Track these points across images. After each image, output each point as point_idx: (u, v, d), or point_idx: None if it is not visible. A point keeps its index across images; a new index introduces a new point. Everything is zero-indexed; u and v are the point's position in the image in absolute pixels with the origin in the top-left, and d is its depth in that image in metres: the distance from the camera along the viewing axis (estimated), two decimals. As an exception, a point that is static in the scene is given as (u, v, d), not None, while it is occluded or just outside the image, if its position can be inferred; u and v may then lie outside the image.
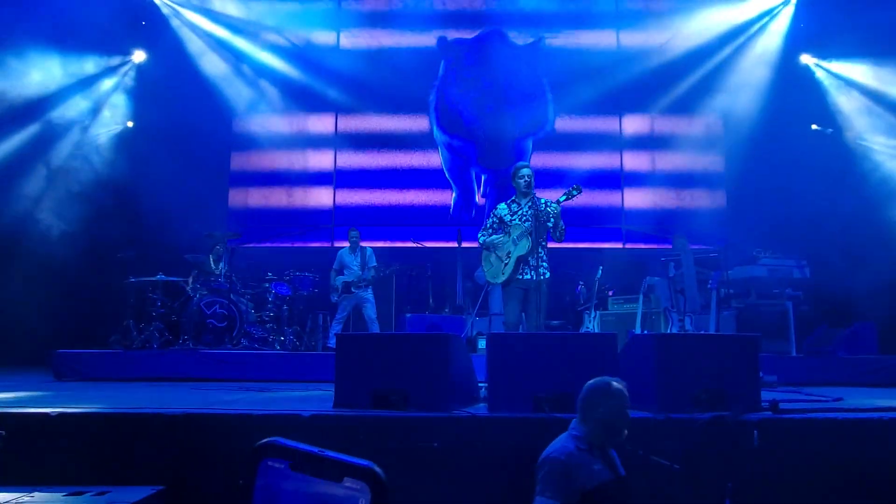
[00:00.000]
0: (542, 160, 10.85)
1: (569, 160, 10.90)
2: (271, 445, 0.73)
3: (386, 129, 11.24)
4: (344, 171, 11.34)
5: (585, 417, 2.99)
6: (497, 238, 5.84)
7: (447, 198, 11.26)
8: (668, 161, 11.12)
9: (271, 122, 11.15)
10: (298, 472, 0.72)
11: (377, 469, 0.70)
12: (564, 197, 5.68)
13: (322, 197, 11.30)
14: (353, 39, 11.22)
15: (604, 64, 10.84)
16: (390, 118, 11.22)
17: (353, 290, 8.87)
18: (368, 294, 8.97)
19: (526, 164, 6.00)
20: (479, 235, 6.03)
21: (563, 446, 2.94)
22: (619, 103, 11.09)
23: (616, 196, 11.14)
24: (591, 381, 3.07)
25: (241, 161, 11.30)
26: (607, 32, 11.30)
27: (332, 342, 8.15)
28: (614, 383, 3.01)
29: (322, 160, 11.34)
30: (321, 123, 11.36)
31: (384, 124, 11.25)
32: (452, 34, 11.15)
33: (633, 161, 11.27)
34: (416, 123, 11.29)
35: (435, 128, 11.20)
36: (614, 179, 11.21)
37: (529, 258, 5.62)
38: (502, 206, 5.99)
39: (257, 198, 11.20)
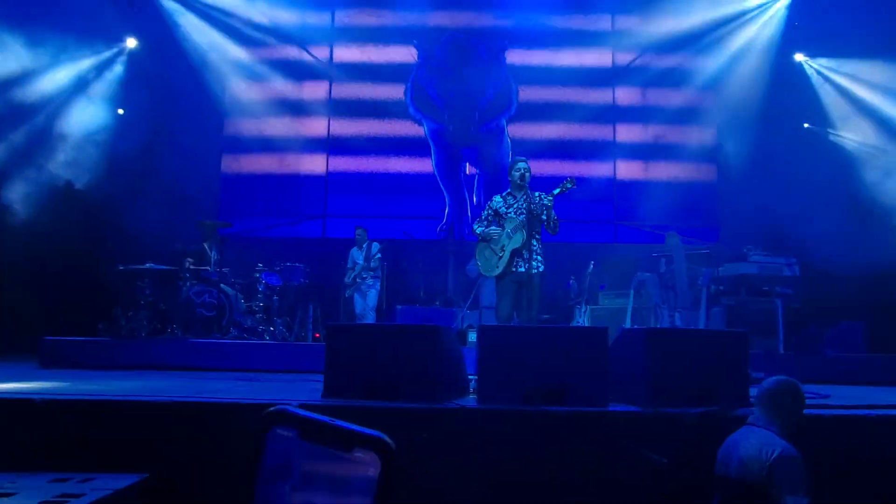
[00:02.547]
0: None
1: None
2: (281, 413, 0.71)
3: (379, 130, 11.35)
4: (337, 172, 11.35)
5: (779, 415, 2.97)
6: (493, 230, 5.84)
7: (439, 193, 11.28)
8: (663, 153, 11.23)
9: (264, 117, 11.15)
10: (307, 441, 0.70)
11: (388, 439, 0.68)
12: (558, 190, 5.68)
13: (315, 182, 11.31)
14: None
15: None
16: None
17: (357, 280, 9.11)
18: (374, 284, 9.17)
19: (523, 158, 5.97)
20: (475, 226, 6.03)
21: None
22: (613, 115, 11.20)
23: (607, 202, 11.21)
24: (780, 380, 3.06)
25: (232, 159, 11.29)
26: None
27: None
28: (798, 384, 3.04)
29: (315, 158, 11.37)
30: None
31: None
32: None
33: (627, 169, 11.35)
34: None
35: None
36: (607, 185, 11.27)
37: (523, 251, 5.65)
38: (497, 198, 5.99)
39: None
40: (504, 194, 5.99)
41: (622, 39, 11.26)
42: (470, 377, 4.73)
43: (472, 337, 7.88)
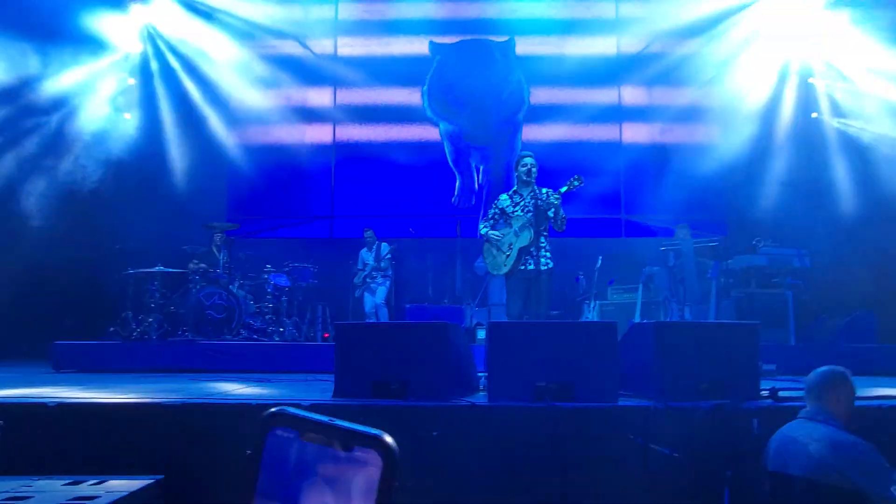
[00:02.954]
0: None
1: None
2: (280, 414, 0.71)
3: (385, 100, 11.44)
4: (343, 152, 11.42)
5: (836, 408, 2.93)
6: (499, 232, 5.83)
7: (445, 191, 11.32)
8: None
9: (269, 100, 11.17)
10: (308, 441, 0.70)
11: (388, 438, 0.68)
12: (566, 188, 5.64)
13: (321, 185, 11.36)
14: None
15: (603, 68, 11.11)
16: (388, 90, 11.45)
17: (367, 280, 9.25)
18: (384, 283, 9.34)
19: (529, 153, 5.94)
20: (481, 227, 6.03)
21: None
22: (619, 114, 11.22)
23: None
24: (830, 370, 3.01)
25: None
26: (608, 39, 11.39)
27: None
28: (847, 372, 3.00)
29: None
30: (319, 97, 11.45)
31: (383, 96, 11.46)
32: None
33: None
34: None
35: (427, 110, 11.47)
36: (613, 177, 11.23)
37: (531, 248, 5.63)
38: (504, 197, 5.96)
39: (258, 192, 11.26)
40: (510, 193, 5.96)
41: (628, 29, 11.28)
42: (480, 374, 4.73)
43: (482, 334, 7.89)
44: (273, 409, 0.72)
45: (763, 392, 4.05)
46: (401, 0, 11.40)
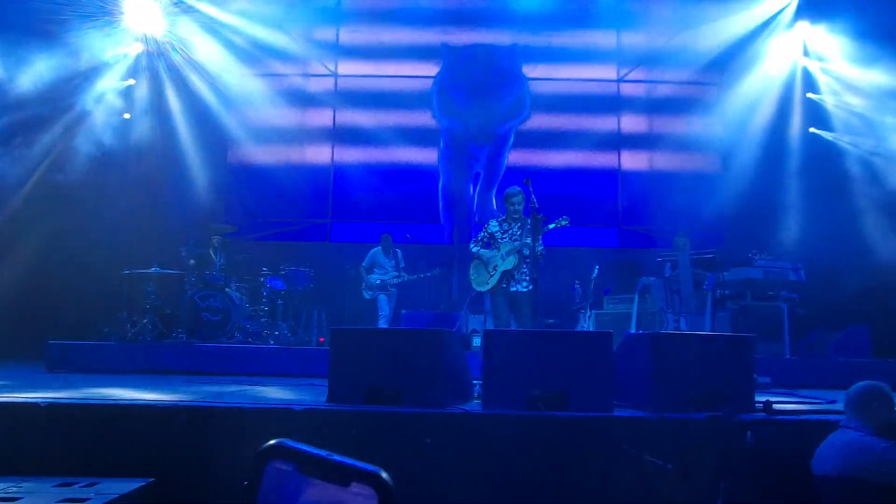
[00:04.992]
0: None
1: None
2: (279, 447, 0.71)
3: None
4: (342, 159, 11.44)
5: (869, 419, 3.13)
6: (487, 252, 6.29)
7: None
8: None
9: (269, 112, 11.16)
10: (305, 474, 0.70)
11: (384, 474, 0.69)
12: (553, 225, 5.99)
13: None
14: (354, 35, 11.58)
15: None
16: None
17: (389, 287, 9.20)
18: (395, 292, 9.33)
19: (517, 188, 6.27)
20: (472, 245, 6.49)
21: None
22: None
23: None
24: (865, 385, 3.21)
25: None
26: (608, 33, 11.41)
27: None
28: (884, 387, 3.20)
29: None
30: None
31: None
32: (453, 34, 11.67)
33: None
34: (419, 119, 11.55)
35: (435, 110, 11.61)
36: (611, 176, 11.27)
37: (515, 273, 6.12)
38: (494, 223, 6.40)
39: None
40: (500, 220, 6.38)
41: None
42: (474, 382, 4.73)
43: (478, 341, 7.89)
44: (272, 442, 0.72)
45: (757, 405, 4.05)
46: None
